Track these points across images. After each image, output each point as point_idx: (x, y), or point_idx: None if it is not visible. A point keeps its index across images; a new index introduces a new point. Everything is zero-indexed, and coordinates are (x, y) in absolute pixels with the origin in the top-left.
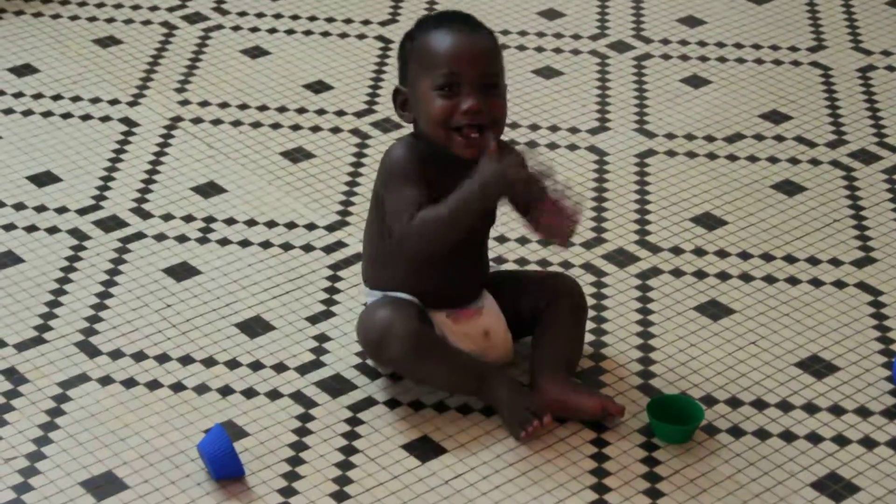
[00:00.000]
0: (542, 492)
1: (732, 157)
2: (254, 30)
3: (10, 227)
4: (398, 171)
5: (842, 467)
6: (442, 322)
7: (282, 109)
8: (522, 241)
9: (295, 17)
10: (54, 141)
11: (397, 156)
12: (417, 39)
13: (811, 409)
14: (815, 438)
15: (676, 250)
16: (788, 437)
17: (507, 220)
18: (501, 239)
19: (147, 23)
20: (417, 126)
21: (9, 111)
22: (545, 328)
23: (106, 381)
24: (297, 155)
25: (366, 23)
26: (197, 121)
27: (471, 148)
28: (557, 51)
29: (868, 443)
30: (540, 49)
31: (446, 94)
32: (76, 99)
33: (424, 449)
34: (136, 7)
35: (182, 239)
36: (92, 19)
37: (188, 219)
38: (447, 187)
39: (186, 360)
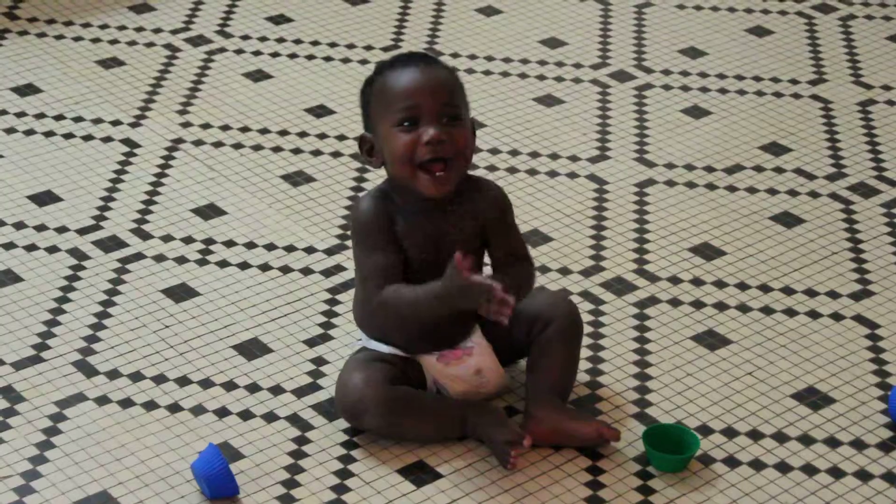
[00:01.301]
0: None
1: (732, 188)
2: (256, 53)
3: (9, 246)
4: (364, 228)
5: (836, 499)
6: (431, 366)
7: (283, 133)
8: None
9: (297, 42)
10: (55, 161)
11: (363, 211)
12: (376, 82)
13: (807, 440)
14: (810, 470)
15: (674, 280)
16: (784, 468)
17: None
18: None
19: (150, 45)
20: (387, 170)
21: (11, 130)
22: (539, 353)
23: (103, 400)
24: (297, 178)
25: (368, 48)
26: (198, 143)
27: (436, 185)
28: (559, 79)
29: (863, 475)
30: (541, 77)
31: (407, 129)
32: (78, 119)
33: (420, 474)
34: (139, 29)
35: (181, 260)
36: (95, 40)
37: (188, 240)
38: (417, 235)
39: (183, 381)
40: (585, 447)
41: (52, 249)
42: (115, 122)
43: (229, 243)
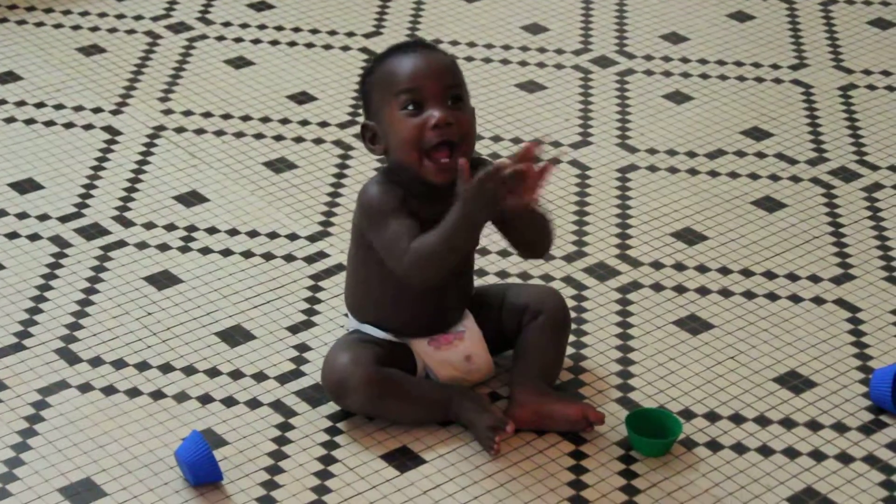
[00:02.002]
0: (521, 503)
1: (713, 173)
2: (238, 40)
3: None
4: (378, 209)
5: (818, 482)
6: (423, 351)
7: (265, 120)
8: (504, 253)
9: (279, 28)
10: (37, 148)
11: (373, 194)
12: (376, 71)
13: (789, 423)
14: (792, 453)
15: (657, 265)
16: (766, 451)
17: (489, 233)
18: (483, 251)
19: (131, 32)
20: (389, 158)
21: None
22: (526, 343)
23: (86, 388)
24: (279, 165)
25: (350, 34)
26: (180, 130)
27: (443, 173)
28: (541, 65)
29: (845, 458)
30: (523, 63)
31: (412, 113)
32: (59, 107)
33: (403, 459)
34: (120, 16)
35: (163, 247)
36: (76, 28)
37: (170, 227)
38: (427, 217)
39: (166, 368)
40: (569, 431)
41: (34, 237)
42: (97, 110)
43: (212, 230)
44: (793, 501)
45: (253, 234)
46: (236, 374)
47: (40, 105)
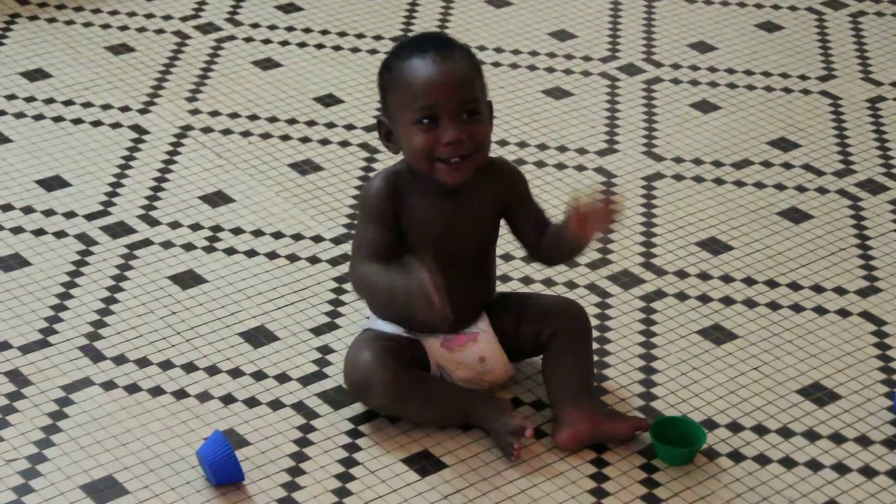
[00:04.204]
0: None
1: (740, 183)
2: (266, 42)
3: (18, 231)
4: (366, 207)
5: (841, 495)
6: (435, 350)
7: (291, 121)
8: (528, 259)
9: (307, 31)
10: (64, 146)
11: (373, 187)
12: (394, 69)
13: (812, 436)
14: (814, 466)
15: (681, 273)
16: (788, 463)
17: (513, 239)
18: (507, 257)
19: (160, 31)
20: (404, 155)
21: (20, 115)
22: (555, 362)
23: (109, 385)
24: (305, 167)
25: (377, 38)
26: (207, 130)
27: (454, 174)
28: (568, 72)
29: (868, 472)
30: (550, 70)
31: (426, 128)
32: (87, 105)
33: (424, 464)
34: (149, 16)
35: (189, 247)
36: (105, 26)
37: (195, 227)
38: (430, 211)
39: (190, 368)
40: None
41: (60, 234)
42: (125, 108)
43: (237, 231)
44: None
45: (278, 235)
46: (259, 375)
47: (69, 103)
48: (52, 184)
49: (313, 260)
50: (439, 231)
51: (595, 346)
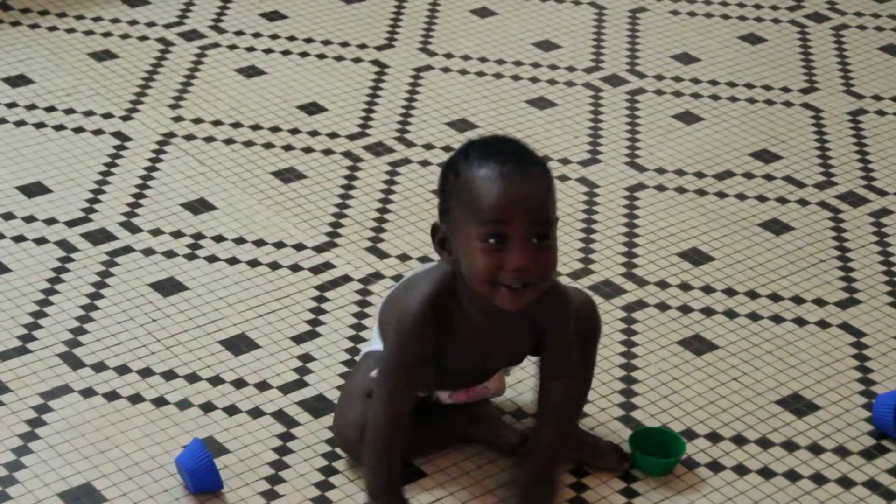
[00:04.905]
0: None
1: (721, 195)
2: (250, 49)
3: None
4: (403, 333)
5: None
6: (440, 394)
7: (275, 129)
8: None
9: (291, 38)
10: (46, 152)
11: (411, 313)
12: (462, 176)
13: (790, 446)
14: (793, 476)
15: (662, 284)
16: (767, 473)
17: None
18: None
19: (143, 38)
20: (458, 269)
21: (1, 121)
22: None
23: (88, 393)
24: (288, 175)
25: (362, 46)
26: (189, 137)
27: (515, 301)
28: (552, 82)
29: (846, 482)
30: (534, 80)
31: (492, 249)
32: (69, 111)
33: (405, 473)
34: (132, 22)
35: (170, 254)
36: (88, 33)
37: (177, 234)
38: (471, 332)
39: (169, 375)
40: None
41: (41, 241)
42: (107, 115)
43: (218, 238)
44: None
45: (260, 243)
46: (239, 383)
47: (51, 109)
48: (34, 190)
49: (295, 268)
50: (476, 350)
51: None
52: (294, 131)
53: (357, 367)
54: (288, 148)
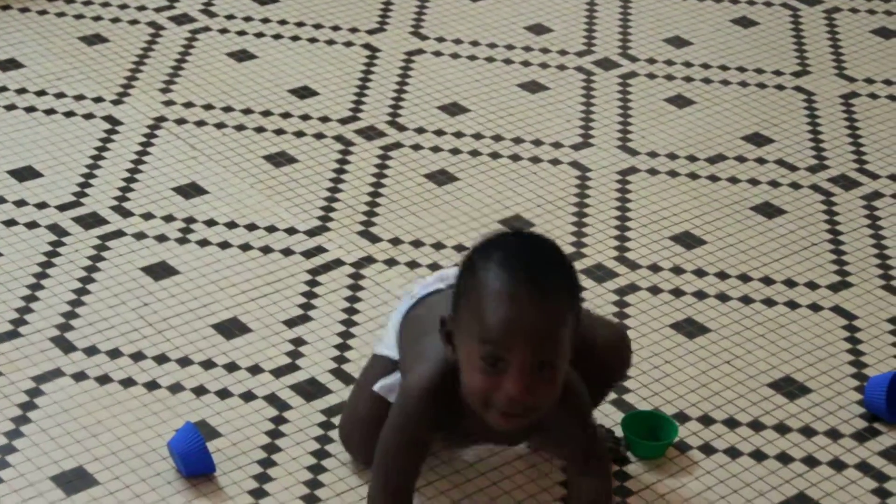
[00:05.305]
0: (512, 502)
1: (713, 178)
2: (241, 33)
3: None
4: (404, 416)
5: (810, 488)
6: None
7: (266, 113)
8: None
9: (283, 22)
10: (36, 136)
11: (415, 393)
12: (476, 277)
13: (782, 429)
14: (785, 459)
15: (654, 267)
16: (759, 456)
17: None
18: None
19: (134, 22)
20: (458, 364)
21: None
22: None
23: (80, 376)
24: (279, 159)
25: (353, 30)
26: (181, 121)
27: (511, 421)
28: (544, 66)
29: (837, 465)
30: (526, 63)
31: (489, 370)
32: (60, 95)
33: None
34: (123, 6)
35: (161, 238)
36: (79, 17)
37: (168, 219)
38: (470, 424)
39: (161, 359)
40: None
41: (32, 225)
42: (98, 99)
43: (210, 222)
44: None
45: (251, 227)
46: (231, 367)
47: (41, 93)
48: (24, 174)
49: (287, 252)
50: (478, 434)
51: None
52: (285, 115)
53: (367, 368)
54: (279, 132)
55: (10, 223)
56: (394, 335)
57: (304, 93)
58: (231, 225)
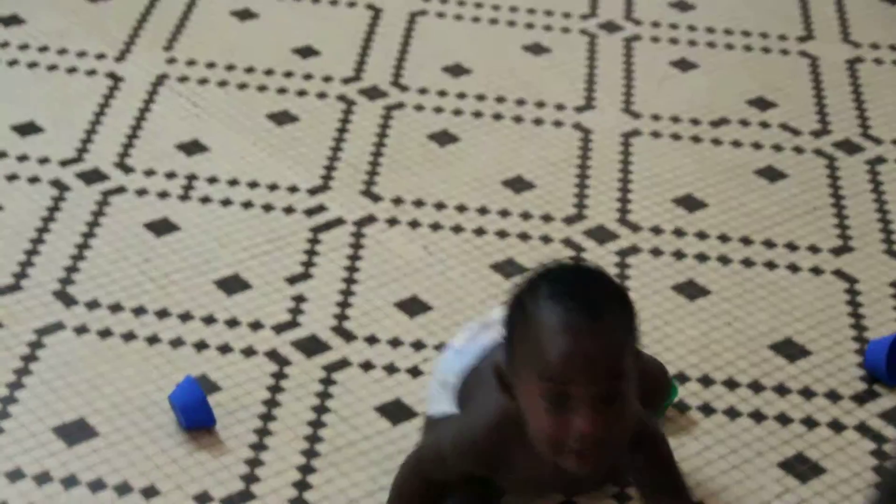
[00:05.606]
0: None
1: (717, 141)
2: None
3: None
4: (453, 449)
5: (809, 449)
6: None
7: (269, 72)
8: None
9: None
10: (39, 92)
11: (468, 434)
12: (527, 313)
13: (782, 390)
14: (784, 419)
15: (656, 230)
16: (758, 417)
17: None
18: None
19: None
20: (521, 411)
21: None
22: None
23: (81, 330)
24: (282, 117)
25: None
26: (183, 79)
27: (582, 464)
28: (547, 28)
29: (836, 426)
30: (530, 25)
31: (555, 410)
32: (63, 52)
33: (396, 411)
34: None
35: (163, 195)
36: None
37: (170, 175)
38: (533, 462)
39: (163, 314)
40: None
41: (34, 180)
42: (100, 56)
43: (212, 179)
44: (784, 467)
45: (253, 184)
46: (232, 322)
47: (44, 49)
48: (27, 129)
49: (288, 210)
50: (538, 472)
51: None
52: (288, 74)
53: (424, 432)
54: (282, 91)
55: (13, 178)
56: (446, 392)
57: (306, 52)
58: (233, 182)
